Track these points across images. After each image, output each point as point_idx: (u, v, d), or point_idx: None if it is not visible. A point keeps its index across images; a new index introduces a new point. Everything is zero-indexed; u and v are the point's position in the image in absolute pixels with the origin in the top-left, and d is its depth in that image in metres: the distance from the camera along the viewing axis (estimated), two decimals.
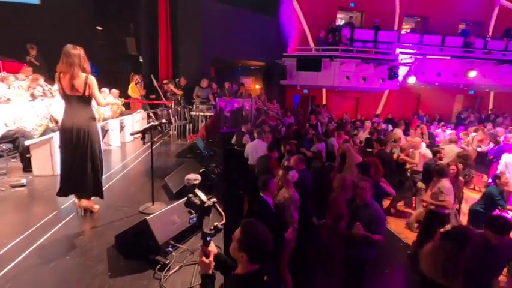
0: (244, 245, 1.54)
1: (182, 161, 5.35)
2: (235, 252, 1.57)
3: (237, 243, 1.57)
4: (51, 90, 5.74)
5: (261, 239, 1.57)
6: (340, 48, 11.06)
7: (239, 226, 1.64)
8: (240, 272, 1.58)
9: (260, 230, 1.60)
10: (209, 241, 1.81)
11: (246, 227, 1.61)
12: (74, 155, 3.06)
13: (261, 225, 1.64)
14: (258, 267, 1.58)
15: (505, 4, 13.59)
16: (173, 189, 3.92)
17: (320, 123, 9.55)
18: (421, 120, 12.09)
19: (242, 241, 1.56)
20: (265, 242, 1.57)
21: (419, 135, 8.60)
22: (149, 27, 9.78)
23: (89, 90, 3.01)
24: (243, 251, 1.54)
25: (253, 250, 1.55)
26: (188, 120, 8.19)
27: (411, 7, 13.28)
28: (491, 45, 12.34)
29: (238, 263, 1.59)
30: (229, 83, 9.27)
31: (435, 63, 11.88)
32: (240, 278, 1.58)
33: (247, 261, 1.54)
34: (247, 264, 1.56)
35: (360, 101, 14.12)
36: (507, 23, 13.39)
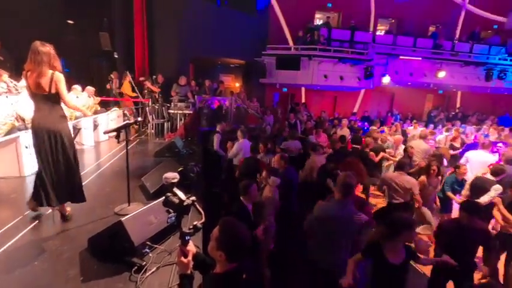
0: (223, 244, 1.53)
1: (160, 160, 5.24)
2: (213, 251, 1.56)
3: (215, 242, 1.56)
4: (16, 87, 5.40)
5: (239, 237, 1.57)
6: (318, 48, 11.25)
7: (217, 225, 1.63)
8: (218, 271, 1.58)
9: (238, 229, 1.59)
10: (188, 240, 1.77)
11: (224, 225, 1.59)
12: (47, 159, 2.90)
13: (240, 223, 1.63)
14: (237, 266, 1.57)
15: (470, 9, 14.42)
16: (151, 189, 3.84)
17: (299, 121, 9.67)
18: (395, 118, 12.59)
19: (220, 240, 1.54)
20: (243, 241, 1.57)
21: (393, 132, 8.96)
22: (124, 22, 9.45)
23: (56, 87, 2.84)
24: (221, 250, 1.53)
25: (232, 249, 1.54)
26: (166, 118, 8.02)
27: (385, 9, 13.75)
28: (458, 47, 13.04)
29: (217, 262, 1.59)
30: (208, 81, 9.18)
31: (408, 64, 12.39)
32: (218, 277, 1.57)
33: (226, 260, 1.54)
34: (225, 263, 1.55)
35: (338, 100, 14.47)
36: (472, 26, 14.21)
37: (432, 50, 12.55)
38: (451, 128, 8.91)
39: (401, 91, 14.48)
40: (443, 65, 12.31)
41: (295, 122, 9.54)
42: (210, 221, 2.76)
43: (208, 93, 8.78)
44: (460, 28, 14.53)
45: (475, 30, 14.02)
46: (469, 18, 14.47)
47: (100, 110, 7.03)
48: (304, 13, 12.81)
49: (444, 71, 12.15)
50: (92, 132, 6.50)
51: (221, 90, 9.39)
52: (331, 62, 11.34)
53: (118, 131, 3.15)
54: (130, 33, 9.43)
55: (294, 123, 9.40)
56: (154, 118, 7.90)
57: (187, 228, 1.81)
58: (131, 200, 3.51)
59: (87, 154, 5.88)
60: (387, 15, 14.30)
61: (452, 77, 12.69)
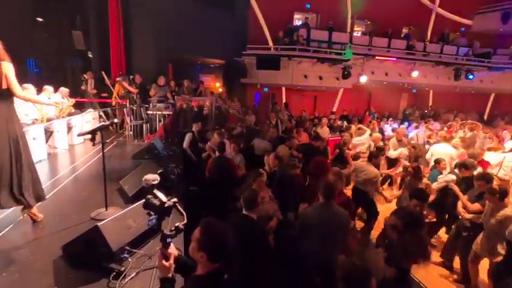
0: (204, 245, 1.51)
1: (139, 163, 5.10)
2: (194, 252, 1.54)
3: (196, 243, 1.54)
4: None
5: (220, 237, 1.56)
6: (298, 48, 11.40)
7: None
8: (200, 273, 1.56)
9: (219, 229, 1.58)
10: (169, 243, 1.75)
11: (205, 226, 1.58)
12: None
13: (221, 223, 1.62)
14: (218, 267, 1.56)
15: (440, 12, 15.16)
16: (129, 193, 3.73)
17: (280, 121, 9.75)
18: (372, 117, 12.99)
19: (201, 241, 1.53)
20: (224, 241, 1.56)
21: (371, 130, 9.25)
22: (99, 20, 9.13)
23: (6, 82, 2.67)
24: (202, 251, 1.51)
25: (213, 249, 1.52)
26: (145, 119, 7.82)
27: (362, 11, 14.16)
28: (429, 48, 13.67)
29: (198, 264, 1.56)
30: (188, 81, 9.04)
31: (383, 64, 12.84)
32: (200, 279, 1.55)
33: (207, 260, 1.52)
34: (207, 264, 1.53)
35: (318, 99, 14.74)
36: (442, 28, 14.95)
37: (406, 50, 13.06)
38: (421, 125, 9.37)
39: (378, 90, 14.98)
40: (416, 65, 12.85)
41: (276, 121, 9.61)
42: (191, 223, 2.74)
43: (188, 94, 8.66)
44: (430, 30, 15.24)
45: (445, 32, 14.76)
46: (439, 20, 15.21)
47: (74, 111, 6.75)
48: (284, 13, 12.94)
49: (417, 71, 12.69)
50: (66, 135, 6.22)
51: (201, 90, 9.29)
52: (310, 62, 11.53)
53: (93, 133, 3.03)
54: (105, 32, 9.11)
55: (276, 123, 9.48)
56: (132, 119, 7.68)
57: (169, 230, 1.80)
58: (108, 204, 3.39)
59: (61, 158, 5.63)
60: (363, 16, 14.73)
61: (424, 77, 13.29)
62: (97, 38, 9.25)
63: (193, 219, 2.96)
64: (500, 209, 3.33)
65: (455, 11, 15.27)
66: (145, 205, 2.08)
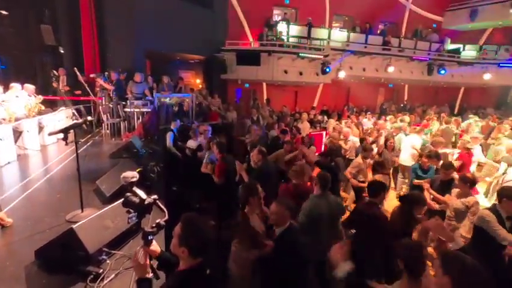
0: (185, 240, 1.52)
1: (116, 162, 4.97)
2: (176, 248, 1.55)
3: (177, 239, 1.54)
4: None
5: (201, 232, 1.57)
6: (277, 43, 11.41)
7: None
8: (182, 268, 1.56)
9: (200, 224, 1.59)
10: (150, 240, 1.76)
11: (186, 221, 1.58)
12: None
13: (201, 218, 1.63)
14: (201, 262, 1.57)
15: (414, 9, 15.69)
16: (107, 193, 3.62)
17: (261, 116, 9.78)
18: (351, 111, 13.30)
19: (182, 236, 1.53)
20: (205, 236, 1.57)
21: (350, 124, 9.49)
22: (69, 14, 8.69)
23: None
24: (183, 246, 1.52)
25: (194, 244, 1.53)
26: (122, 117, 7.58)
27: (339, 7, 14.39)
28: (404, 44, 14.12)
29: (180, 259, 1.57)
30: (167, 77, 8.81)
31: (361, 59, 13.12)
32: (182, 274, 1.55)
33: (189, 255, 1.53)
34: (188, 259, 1.54)
35: (299, 94, 14.87)
36: (415, 25, 15.49)
37: (382, 46, 13.42)
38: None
39: (356, 85, 15.32)
40: (392, 61, 13.24)
41: (257, 117, 9.64)
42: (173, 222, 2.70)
43: (167, 90, 8.46)
44: (405, 26, 15.75)
45: (418, 29, 15.30)
46: (413, 17, 15.75)
47: (44, 110, 6.41)
48: (263, 9, 12.90)
49: (392, 66, 13.08)
50: (37, 135, 5.92)
51: (181, 86, 9.10)
52: (290, 57, 11.58)
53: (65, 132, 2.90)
54: (76, 26, 8.69)
55: (257, 119, 9.50)
56: (108, 117, 7.42)
57: (150, 227, 1.80)
58: (85, 205, 3.29)
59: (32, 159, 5.36)
60: (341, 12, 14.98)
61: (400, 72, 13.71)
62: (68, 32, 8.80)
63: (175, 217, 2.92)
64: (467, 195, 3.58)
65: (427, 8, 15.86)
66: (124, 203, 2.03)
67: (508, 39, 17.06)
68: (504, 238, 2.77)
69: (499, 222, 2.89)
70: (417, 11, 15.74)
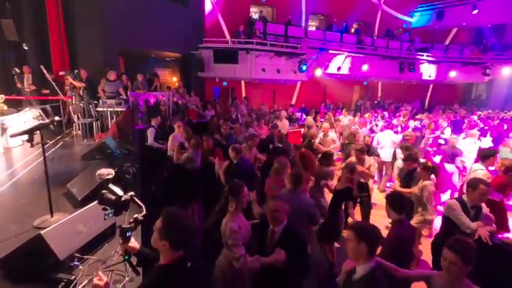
0: (166, 233, 1.54)
1: (89, 164, 4.75)
2: (156, 242, 1.56)
3: (158, 233, 1.55)
4: None
5: (181, 226, 1.59)
6: (255, 41, 11.41)
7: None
8: (163, 263, 1.57)
9: (181, 218, 1.61)
10: (129, 236, 1.76)
11: (167, 215, 1.60)
12: None
13: (182, 212, 1.66)
14: (181, 255, 1.58)
15: (386, 9, 16.28)
16: (78, 196, 3.46)
17: (240, 115, 9.75)
18: (327, 109, 13.59)
19: (163, 229, 1.55)
20: (186, 229, 1.59)
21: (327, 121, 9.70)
22: (34, 8, 8.17)
23: None
24: (164, 240, 1.53)
25: (175, 237, 1.55)
26: (95, 117, 7.26)
27: (315, 6, 14.64)
28: (377, 43, 14.62)
29: (161, 253, 1.58)
30: (141, 75, 8.55)
31: (337, 58, 13.44)
32: (163, 268, 1.56)
33: (170, 249, 1.54)
34: (170, 253, 1.55)
35: (277, 92, 14.99)
36: (387, 24, 16.09)
37: (356, 45, 13.81)
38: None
39: (332, 83, 15.67)
40: (366, 59, 13.67)
41: (236, 115, 9.61)
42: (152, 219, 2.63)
43: (142, 89, 8.21)
44: (377, 26, 16.31)
45: (389, 28, 15.90)
46: (385, 17, 16.34)
47: (8, 110, 6.01)
48: (240, 6, 12.85)
49: (366, 65, 13.51)
50: (0, 137, 5.54)
51: (157, 85, 8.86)
52: (268, 55, 11.63)
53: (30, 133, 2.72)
54: (42, 21, 8.19)
55: (236, 117, 9.46)
56: (80, 117, 7.08)
57: (127, 223, 1.79)
58: (54, 210, 3.12)
59: None
60: (317, 11, 15.25)
61: (373, 70, 14.20)
62: (33, 27, 8.27)
63: (155, 214, 2.85)
64: (425, 179, 3.91)
65: (398, 9, 16.51)
66: (100, 201, 1.99)
67: (471, 39, 18.19)
68: (468, 226, 2.95)
69: (464, 211, 3.07)
70: (388, 11, 16.34)
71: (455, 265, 1.96)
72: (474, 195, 3.09)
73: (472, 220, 3.05)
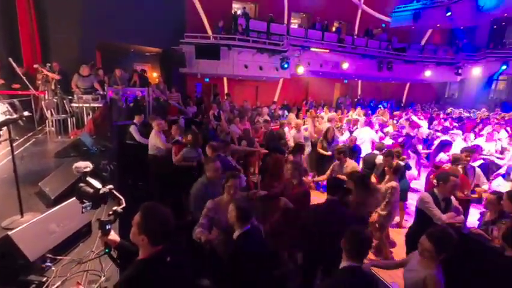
0: (144, 228, 1.54)
1: (63, 161, 4.55)
2: (135, 236, 1.56)
3: (136, 227, 1.56)
4: None
5: (160, 220, 1.58)
6: (237, 38, 11.34)
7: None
8: (142, 257, 1.57)
9: (159, 212, 1.61)
10: (109, 229, 1.74)
11: (145, 209, 1.60)
12: None
13: (161, 206, 1.64)
14: (161, 249, 1.59)
15: (365, 9, 16.66)
16: (52, 195, 3.31)
17: (222, 111, 9.69)
18: (310, 106, 13.78)
19: (142, 224, 1.54)
20: (165, 223, 1.59)
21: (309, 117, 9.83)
22: None
23: None
24: (143, 234, 1.53)
25: (154, 231, 1.55)
26: (69, 113, 6.95)
27: (297, 4, 14.74)
28: (357, 42, 14.96)
29: (140, 248, 1.58)
30: (119, 70, 8.25)
31: (318, 56, 13.63)
32: (142, 263, 1.56)
33: (149, 243, 1.54)
34: (148, 247, 1.56)
35: (260, 89, 15.02)
36: (367, 24, 16.48)
37: (337, 43, 14.06)
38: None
39: (314, 81, 15.90)
40: (346, 57, 13.96)
41: (218, 112, 9.54)
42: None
43: (120, 84, 7.95)
44: (357, 25, 16.67)
45: (369, 28, 16.30)
46: (364, 17, 16.73)
47: None
48: (222, 2, 12.72)
49: (347, 63, 13.80)
50: None
51: (135, 80, 8.60)
52: (250, 52, 11.60)
53: None
54: (10, 11, 7.73)
55: (218, 114, 9.39)
56: (53, 113, 6.76)
57: (106, 216, 1.77)
58: (25, 210, 2.98)
59: None
60: (299, 9, 15.36)
61: (353, 68, 14.52)
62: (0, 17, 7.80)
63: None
64: (391, 180, 4.08)
65: (377, 9, 16.95)
66: (77, 194, 1.96)
67: (445, 39, 19.01)
68: (439, 218, 3.10)
69: (435, 204, 3.22)
70: (368, 11, 16.74)
71: (428, 252, 2.10)
72: (445, 188, 3.25)
73: (443, 212, 3.21)
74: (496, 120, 10.25)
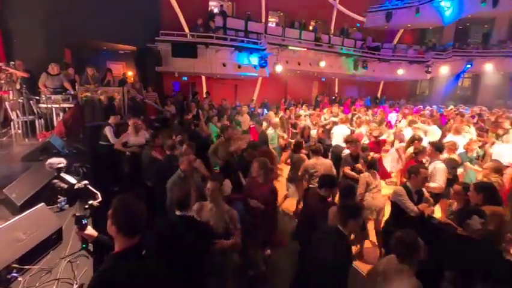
0: (117, 219, 1.58)
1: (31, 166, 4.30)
2: (110, 228, 1.60)
3: (110, 219, 1.60)
4: None
5: (132, 211, 1.62)
6: (215, 36, 11.22)
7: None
8: (117, 250, 1.60)
9: (132, 205, 1.64)
10: (85, 224, 1.75)
11: (118, 203, 1.63)
12: None
13: (134, 199, 1.67)
14: (136, 243, 1.61)
15: (340, 9, 17.04)
16: (18, 201, 3.11)
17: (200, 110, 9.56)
18: (288, 104, 13.92)
19: (115, 216, 1.59)
20: (137, 215, 1.63)
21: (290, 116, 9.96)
22: None
23: None
24: (114, 225, 1.58)
25: (123, 223, 1.58)
26: (37, 114, 6.58)
27: (274, 2, 14.81)
28: (333, 41, 15.27)
29: (115, 241, 1.61)
30: (91, 69, 7.90)
31: (296, 54, 13.79)
32: (117, 256, 1.59)
33: (122, 235, 1.58)
34: (123, 240, 1.59)
35: (239, 88, 14.97)
36: (342, 23, 16.87)
37: (314, 42, 14.29)
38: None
39: (293, 79, 16.07)
40: (323, 56, 14.22)
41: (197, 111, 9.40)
42: None
43: (93, 83, 7.62)
44: (333, 24, 17.03)
45: (344, 27, 16.69)
46: (340, 16, 17.11)
47: None
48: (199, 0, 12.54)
49: (324, 61, 14.06)
50: None
51: (109, 79, 8.27)
52: (228, 50, 11.52)
53: None
54: None
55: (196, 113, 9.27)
56: (19, 115, 6.36)
57: (82, 210, 1.86)
58: None
59: None
60: (276, 8, 15.44)
61: (330, 67, 14.82)
62: None
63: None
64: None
65: (352, 9, 17.39)
66: (51, 190, 1.96)
67: (416, 39, 19.87)
68: (412, 210, 3.24)
69: (409, 196, 3.37)
70: (343, 10, 17.13)
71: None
72: (417, 180, 3.41)
73: (416, 203, 3.36)
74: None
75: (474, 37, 19.59)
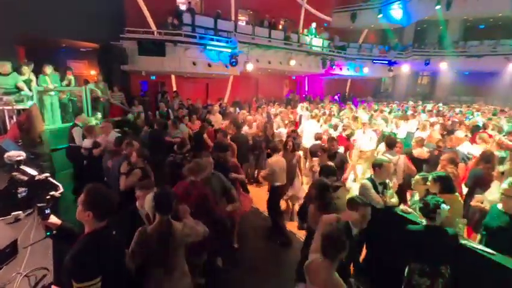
0: (89, 204, 1.69)
1: None
2: (80, 214, 1.71)
3: (81, 206, 1.70)
4: None
5: (104, 196, 1.77)
6: (183, 33, 10.96)
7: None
8: (87, 231, 1.72)
9: (103, 190, 1.80)
10: (48, 214, 1.85)
11: (90, 189, 1.75)
12: None
13: (104, 187, 1.83)
14: (105, 225, 1.75)
15: (308, 8, 17.42)
16: None
17: (170, 110, 9.33)
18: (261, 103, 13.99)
19: (87, 201, 1.70)
20: (109, 199, 1.78)
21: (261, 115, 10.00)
22: None
23: None
24: (88, 210, 1.69)
25: (99, 207, 1.72)
26: None
27: (244, 1, 14.77)
28: (302, 40, 15.59)
29: (85, 224, 1.73)
30: (50, 68, 7.36)
31: (266, 53, 13.89)
32: (88, 237, 1.71)
33: (94, 218, 1.70)
34: (93, 223, 1.71)
35: (210, 86, 14.77)
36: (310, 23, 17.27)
37: (284, 41, 14.48)
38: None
39: (264, 77, 16.19)
40: (293, 55, 14.47)
41: (166, 111, 9.16)
42: None
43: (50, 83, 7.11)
44: (302, 23, 17.38)
45: (312, 27, 17.12)
46: (308, 16, 17.50)
47: None
48: None
49: (294, 60, 14.31)
50: None
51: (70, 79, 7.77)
52: (198, 48, 11.31)
53: None
54: None
55: (166, 112, 9.03)
56: None
57: (44, 200, 1.85)
58: None
59: None
60: (246, 6, 15.42)
61: (300, 65, 15.13)
62: None
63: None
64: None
65: (319, 9, 17.87)
66: (10, 183, 1.94)
67: (379, 39, 20.90)
68: (377, 202, 3.41)
69: (374, 188, 3.54)
70: (311, 10, 17.54)
71: None
72: (381, 173, 3.60)
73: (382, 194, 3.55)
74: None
75: (431, 38, 21.05)
